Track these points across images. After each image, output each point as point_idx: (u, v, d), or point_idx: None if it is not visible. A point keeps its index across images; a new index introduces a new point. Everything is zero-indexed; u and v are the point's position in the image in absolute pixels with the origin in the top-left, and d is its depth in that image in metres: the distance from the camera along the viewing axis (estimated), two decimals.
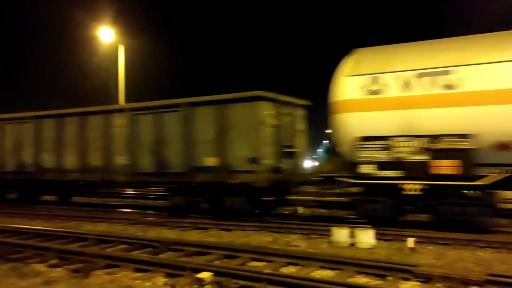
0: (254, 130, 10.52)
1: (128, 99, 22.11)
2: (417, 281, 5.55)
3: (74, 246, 7.46)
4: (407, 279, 5.61)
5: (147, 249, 7.53)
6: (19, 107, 16.16)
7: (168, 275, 5.89)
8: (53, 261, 6.80)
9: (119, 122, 12.73)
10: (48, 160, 14.20)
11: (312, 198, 14.93)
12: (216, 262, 6.53)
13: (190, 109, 11.46)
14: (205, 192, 11.37)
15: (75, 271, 6.13)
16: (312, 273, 6.02)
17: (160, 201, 14.97)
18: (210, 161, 10.98)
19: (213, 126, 11.06)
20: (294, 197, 12.65)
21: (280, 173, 10.81)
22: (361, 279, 5.79)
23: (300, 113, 11.94)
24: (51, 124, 14.24)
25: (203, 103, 11.35)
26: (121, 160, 12.51)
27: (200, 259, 6.61)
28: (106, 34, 22.22)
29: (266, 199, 11.23)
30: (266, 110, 10.68)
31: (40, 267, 6.44)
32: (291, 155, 11.34)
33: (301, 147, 11.85)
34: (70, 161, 13.67)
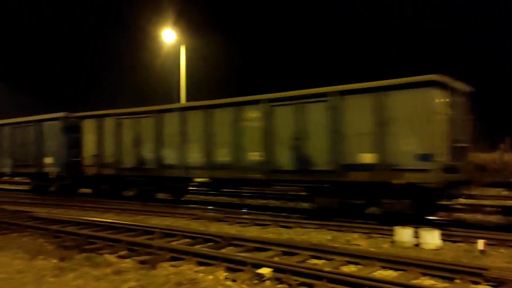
0: (426, 122, 9.04)
1: (188, 97, 22.87)
2: (488, 285, 5.25)
3: (141, 239, 7.86)
4: (477, 283, 5.32)
5: (209, 243, 7.77)
6: (95, 105, 17.14)
7: (229, 270, 6.04)
8: (123, 253, 7.23)
9: (252, 114, 11.70)
10: (170, 156, 13.44)
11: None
12: (276, 259, 6.59)
13: (340, 98, 10.17)
14: (359, 192, 10.08)
15: (142, 262, 6.46)
16: (374, 273, 5.89)
17: (299, 203, 13.79)
18: (367, 157, 9.74)
19: (370, 118, 9.67)
20: None
21: (455, 172, 9.39)
22: (427, 281, 5.59)
23: (464, 101, 10.18)
24: (174, 119, 13.43)
25: (357, 91, 10.01)
26: (254, 156, 11.56)
27: (260, 255, 6.70)
28: (168, 36, 23.15)
29: (440, 202, 9.86)
30: (439, 98, 9.21)
31: (111, 257, 6.85)
32: (462, 150, 9.82)
33: (468, 142, 10.21)
34: (194, 157, 12.77)
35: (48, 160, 17.20)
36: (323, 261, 6.60)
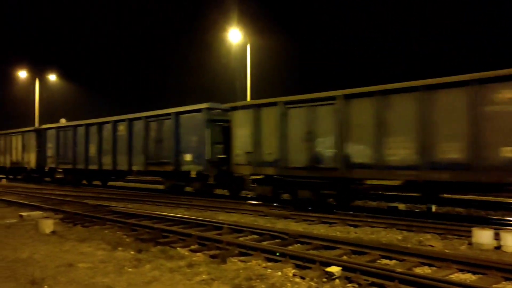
0: None
1: (252, 95, 23.22)
2: None
3: (211, 234, 8.11)
4: None
5: (276, 240, 7.84)
6: (163, 105, 17.64)
7: (297, 267, 6.06)
8: (194, 247, 7.52)
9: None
10: (361, 152, 10.64)
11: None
12: (344, 257, 6.51)
13: None
14: None
15: (212, 256, 6.67)
16: (450, 276, 5.61)
17: None
18: None
19: None
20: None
21: None
22: (509, 286, 5.21)
23: None
24: (367, 105, 10.48)
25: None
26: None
27: (328, 253, 6.65)
28: (234, 35, 23.66)
29: None
30: None
31: (184, 251, 7.15)
32: None
33: None
34: (398, 154, 9.89)
35: (187, 157, 15.44)
36: (394, 261, 6.40)
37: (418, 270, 5.93)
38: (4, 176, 28.75)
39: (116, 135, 18.89)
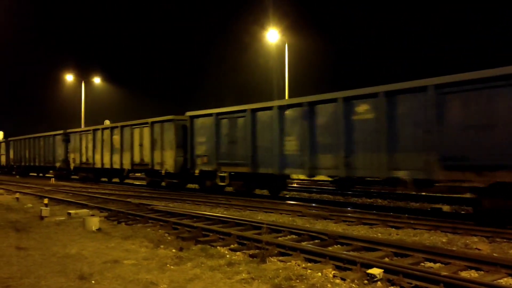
0: None
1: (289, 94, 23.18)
2: None
3: (250, 233, 8.16)
4: None
5: (315, 240, 7.79)
6: (201, 105, 18.04)
7: (337, 268, 6.00)
8: (234, 246, 7.60)
9: None
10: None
11: None
12: (386, 259, 6.37)
13: None
14: None
15: (252, 256, 6.72)
16: (499, 280, 5.38)
17: None
18: None
19: None
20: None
21: None
22: None
23: None
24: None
25: None
26: None
27: (369, 255, 6.53)
28: (272, 35, 23.73)
29: None
30: None
31: (223, 250, 7.24)
32: None
33: None
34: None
35: None
36: (438, 264, 6.21)
37: (465, 274, 5.73)
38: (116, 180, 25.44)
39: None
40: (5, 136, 45.73)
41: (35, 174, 35.80)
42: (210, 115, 16.53)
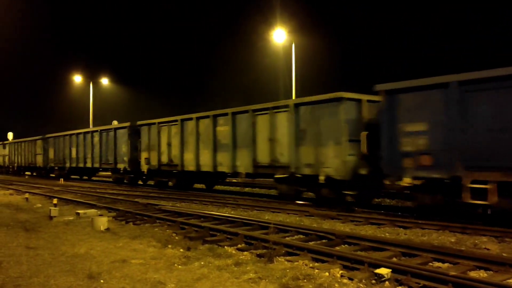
0: None
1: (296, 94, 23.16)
2: None
3: (258, 233, 8.16)
4: None
5: (323, 240, 7.77)
6: (208, 107, 18.02)
7: (345, 268, 5.98)
8: (241, 245, 7.61)
9: None
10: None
11: None
12: (394, 259, 6.34)
13: None
14: None
15: (259, 255, 6.72)
16: (508, 280, 5.33)
17: None
18: None
19: None
20: None
21: None
22: None
23: None
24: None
25: None
26: None
27: (377, 255, 6.51)
28: (279, 35, 23.72)
29: None
30: None
31: (231, 249, 7.25)
32: None
33: None
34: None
35: None
36: (447, 264, 6.17)
37: (473, 274, 5.69)
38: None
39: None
40: (14, 137, 46.13)
41: (78, 177, 31.40)
42: (440, 85, 9.73)
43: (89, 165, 26.16)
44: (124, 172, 22.86)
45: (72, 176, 31.01)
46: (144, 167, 20.62)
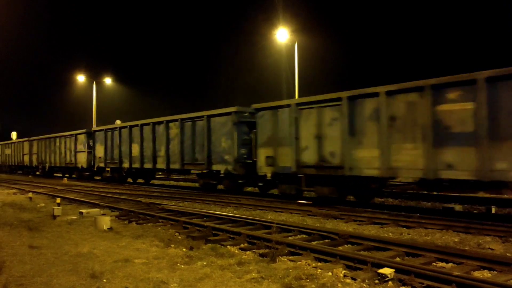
0: None
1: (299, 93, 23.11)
2: None
3: (260, 233, 8.15)
4: None
5: (325, 240, 7.76)
6: (211, 105, 17.49)
7: (348, 267, 5.97)
8: (244, 245, 7.60)
9: None
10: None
11: None
12: (397, 259, 6.32)
13: None
14: None
15: (262, 255, 6.71)
16: None
17: None
18: None
19: None
20: None
21: None
22: None
23: None
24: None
25: None
26: None
27: (380, 255, 6.48)
28: (281, 35, 23.70)
29: None
30: None
31: (233, 249, 7.24)
32: None
33: None
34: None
35: None
36: (450, 264, 6.14)
37: (477, 274, 5.66)
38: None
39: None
40: (18, 136, 46.26)
41: (143, 181, 24.59)
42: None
43: (160, 165, 19.91)
44: (227, 176, 16.44)
45: (129, 180, 24.69)
46: (265, 170, 14.30)
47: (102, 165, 25.03)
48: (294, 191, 13.72)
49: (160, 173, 24.57)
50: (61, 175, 32.09)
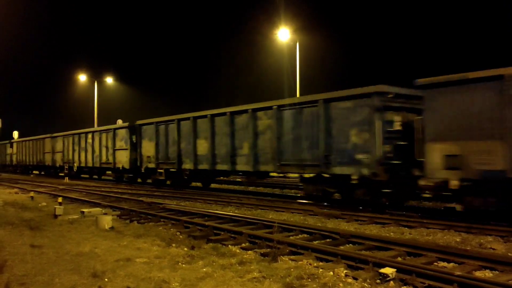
0: None
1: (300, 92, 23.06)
2: None
3: (261, 232, 8.15)
4: None
5: (327, 240, 7.75)
6: (212, 105, 17.02)
7: (349, 267, 5.96)
8: (245, 244, 7.61)
9: None
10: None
11: None
12: (399, 259, 6.31)
13: None
14: None
15: (263, 254, 6.71)
16: None
17: None
18: None
19: None
20: None
21: None
22: None
23: None
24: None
25: None
26: None
27: (381, 254, 6.48)
28: (283, 34, 23.71)
29: None
30: None
31: (235, 249, 7.25)
32: None
33: None
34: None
35: None
36: (452, 264, 6.14)
37: (479, 274, 5.65)
38: None
39: None
40: (20, 136, 46.26)
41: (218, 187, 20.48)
42: None
43: (243, 167, 15.31)
44: (361, 184, 11.47)
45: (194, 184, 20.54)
46: (443, 174, 9.56)
47: (152, 165, 20.04)
48: None
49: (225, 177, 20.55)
50: (87, 176, 28.71)
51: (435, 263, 6.21)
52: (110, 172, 25.51)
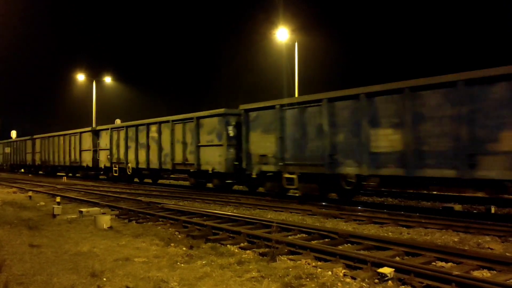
0: None
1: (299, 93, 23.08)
2: None
3: (260, 232, 8.16)
4: None
5: (325, 239, 7.76)
6: (212, 105, 16.83)
7: (348, 267, 5.97)
8: (243, 244, 7.61)
9: None
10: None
11: None
12: (397, 258, 6.33)
13: None
14: None
15: (262, 254, 6.71)
16: None
17: None
18: None
19: None
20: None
21: None
22: None
23: None
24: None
25: None
26: None
27: (380, 254, 6.49)
28: (282, 34, 23.72)
29: None
30: None
31: (233, 248, 7.25)
32: None
33: None
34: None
35: None
36: (450, 264, 6.15)
37: (477, 274, 5.67)
38: None
39: None
40: (18, 136, 46.19)
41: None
42: None
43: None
44: None
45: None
46: None
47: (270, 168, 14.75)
48: None
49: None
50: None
51: (433, 263, 6.22)
52: (186, 175, 20.32)
